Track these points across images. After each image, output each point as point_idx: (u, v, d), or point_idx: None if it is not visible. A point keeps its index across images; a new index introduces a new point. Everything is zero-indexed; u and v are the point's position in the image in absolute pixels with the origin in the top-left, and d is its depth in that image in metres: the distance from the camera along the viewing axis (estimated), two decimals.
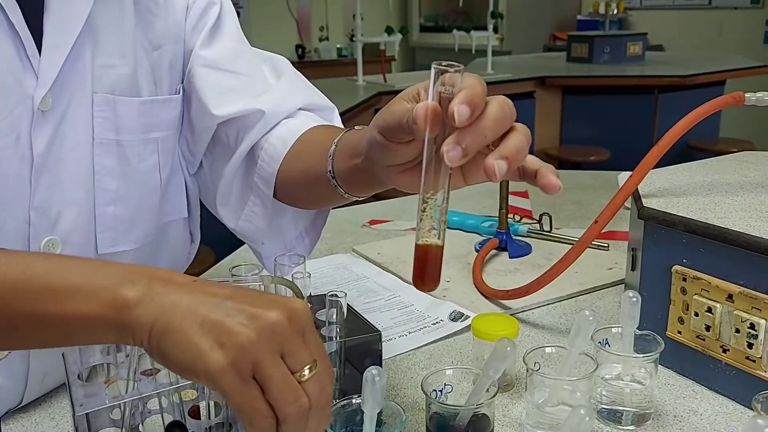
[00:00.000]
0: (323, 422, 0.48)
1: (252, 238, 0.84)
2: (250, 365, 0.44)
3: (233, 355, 0.43)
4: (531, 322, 0.92)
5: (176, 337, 0.44)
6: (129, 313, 0.45)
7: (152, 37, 0.75)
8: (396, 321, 0.92)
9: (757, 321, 0.67)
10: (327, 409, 0.47)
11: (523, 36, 6.02)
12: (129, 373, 0.56)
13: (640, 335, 0.69)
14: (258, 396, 0.44)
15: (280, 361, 0.45)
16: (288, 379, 0.45)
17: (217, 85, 0.79)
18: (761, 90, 0.82)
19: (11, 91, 0.64)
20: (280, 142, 0.78)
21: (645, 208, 0.78)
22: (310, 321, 0.47)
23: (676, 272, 0.74)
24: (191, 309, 0.45)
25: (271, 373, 0.44)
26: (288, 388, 0.45)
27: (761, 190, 0.82)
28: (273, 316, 0.45)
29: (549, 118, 3.81)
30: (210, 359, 0.43)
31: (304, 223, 0.85)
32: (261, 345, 0.44)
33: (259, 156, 0.79)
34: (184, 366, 0.44)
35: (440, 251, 0.52)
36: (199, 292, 0.46)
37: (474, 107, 0.48)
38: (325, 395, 0.46)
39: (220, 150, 0.82)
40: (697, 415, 0.70)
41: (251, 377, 0.44)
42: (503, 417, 0.70)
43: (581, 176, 1.71)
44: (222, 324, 0.44)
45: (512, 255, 1.14)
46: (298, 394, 0.45)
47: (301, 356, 0.46)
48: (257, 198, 0.81)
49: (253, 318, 0.44)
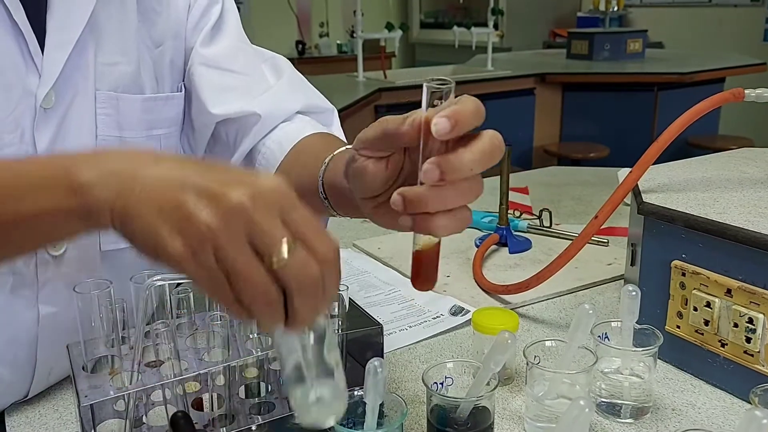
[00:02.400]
0: (309, 307, 0.42)
1: None
2: (210, 252, 0.40)
3: (192, 242, 0.40)
4: (531, 317, 0.92)
5: (136, 223, 0.41)
6: (88, 196, 0.43)
7: (154, 34, 0.75)
8: (396, 315, 0.92)
9: (755, 315, 0.67)
10: (314, 292, 0.42)
11: (523, 33, 6.01)
12: (133, 365, 0.57)
13: (639, 329, 0.70)
14: (224, 285, 0.41)
15: (244, 246, 0.40)
16: (250, 267, 0.40)
17: (216, 84, 0.79)
18: (761, 87, 0.82)
19: (14, 88, 0.64)
20: (277, 147, 0.79)
21: (644, 204, 0.78)
22: (288, 198, 0.42)
23: (675, 267, 0.75)
24: (148, 191, 0.42)
25: (233, 262, 0.40)
26: (251, 277, 0.40)
27: (760, 186, 0.83)
28: (235, 197, 0.40)
29: (549, 115, 3.81)
30: (169, 247, 0.40)
31: None
32: (221, 230, 0.40)
33: (257, 160, 0.80)
34: (148, 252, 0.42)
35: (435, 251, 0.52)
36: (159, 168, 0.43)
37: (456, 123, 0.46)
38: (308, 277, 0.41)
39: (220, 149, 0.82)
40: (695, 409, 0.70)
41: (215, 264, 0.40)
42: (503, 410, 0.71)
43: (581, 172, 1.72)
44: (180, 209, 0.40)
45: (512, 250, 1.14)
46: (264, 285, 0.41)
47: (269, 239, 0.40)
48: None
49: (213, 199, 0.40)
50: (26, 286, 0.68)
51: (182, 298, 0.63)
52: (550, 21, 6.29)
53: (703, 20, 5.58)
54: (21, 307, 0.68)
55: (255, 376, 0.64)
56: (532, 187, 1.53)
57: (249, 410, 0.62)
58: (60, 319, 0.70)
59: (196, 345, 0.62)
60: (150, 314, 0.59)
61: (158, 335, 0.57)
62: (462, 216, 0.50)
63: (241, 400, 0.63)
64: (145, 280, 0.57)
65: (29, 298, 0.68)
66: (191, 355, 0.60)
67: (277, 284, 0.41)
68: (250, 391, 0.64)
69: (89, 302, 0.58)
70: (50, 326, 0.70)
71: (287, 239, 0.41)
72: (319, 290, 0.42)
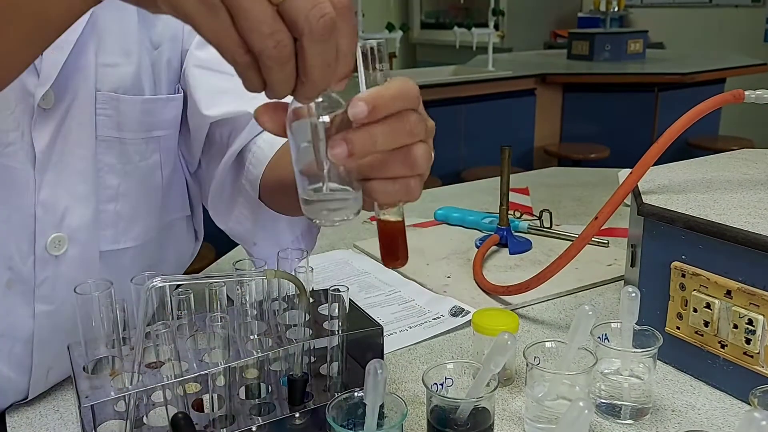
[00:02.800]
0: (323, 61, 0.39)
1: (243, 240, 0.85)
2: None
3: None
4: (531, 318, 0.92)
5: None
6: None
7: (153, 35, 0.76)
8: (397, 316, 0.92)
9: (755, 317, 0.67)
10: (326, 37, 0.38)
11: (523, 33, 6.01)
12: (134, 366, 0.57)
13: (639, 330, 0.70)
14: (227, 24, 0.38)
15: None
16: (257, 3, 0.37)
17: (210, 86, 0.79)
18: (761, 88, 0.82)
19: (13, 87, 0.64)
20: (267, 146, 0.79)
21: (644, 205, 0.79)
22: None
23: (675, 268, 0.75)
24: None
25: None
26: (254, 9, 0.37)
27: (760, 188, 0.83)
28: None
29: (549, 116, 3.82)
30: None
31: (301, 227, 0.85)
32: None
33: (247, 159, 0.80)
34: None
35: (398, 227, 0.52)
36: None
37: (374, 108, 0.44)
38: (319, 13, 0.38)
39: (215, 151, 0.82)
40: (695, 410, 0.70)
41: (219, 2, 0.38)
42: (503, 411, 0.71)
43: (581, 173, 1.72)
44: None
45: (512, 251, 1.14)
46: (271, 21, 0.37)
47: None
48: (245, 200, 0.81)
49: None
50: (22, 282, 0.68)
51: (183, 299, 0.63)
52: (551, 21, 6.30)
53: (704, 21, 5.58)
54: (16, 302, 0.69)
55: (255, 377, 0.64)
56: (533, 187, 1.53)
57: (249, 411, 0.63)
58: (57, 318, 0.70)
59: (197, 346, 0.62)
60: (150, 315, 0.60)
61: (159, 336, 0.57)
62: (404, 185, 0.49)
63: (242, 401, 0.63)
64: (146, 281, 0.57)
65: (25, 294, 0.69)
66: (192, 356, 0.60)
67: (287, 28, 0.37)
68: (250, 392, 0.64)
69: (90, 303, 0.58)
70: (46, 324, 0.70)
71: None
72: (333, 39, 0.39)
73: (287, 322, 0.66)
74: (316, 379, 0.66)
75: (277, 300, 0.67)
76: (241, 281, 0.63)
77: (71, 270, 0.70)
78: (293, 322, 0.65)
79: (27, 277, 0.68)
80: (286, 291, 0.67)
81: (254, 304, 0.65)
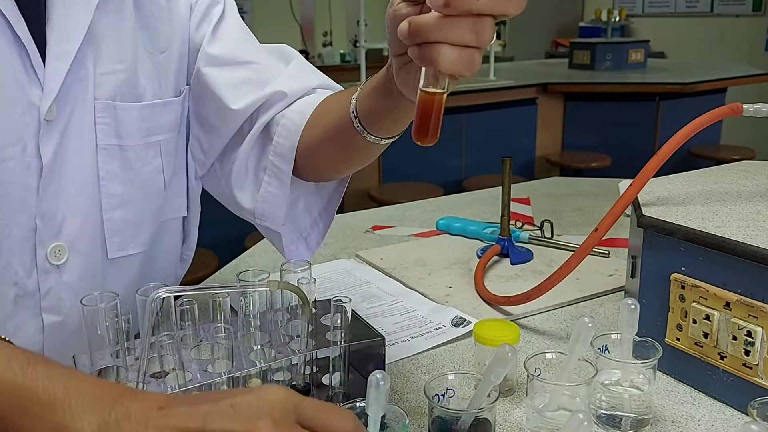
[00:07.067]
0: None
1: (271, 219, 0.82)
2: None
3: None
4: (532, 328, 0.93)
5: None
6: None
7: (157, 40, 0.76)
8: (399, 326, 0.93)
9: (754, 329, 0.68)
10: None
11: (525, 42, 6.03)
12: (138, 376, 0.58)
13: (639, 342, 0.70)
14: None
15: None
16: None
17: (229, 80, 0.79)
18: (762, 98, 0.83)
19: (17, 102, 0.64)
20: (297, 115, 0.79)
21: (644, 217, 0.79)
22: (292, 397, 0.45)
23: (675, 280, 0.75)
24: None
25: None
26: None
27: (759, 200, 0.83)
28: (262, 426, 0.42)
29: (551, 125, 3.82)
30: None
31: (318, 208, 0.85)
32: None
33: (276, 132, 0.79)
34: None
35: (440, 100, 0.52)
36: (171, 419, 0.42)
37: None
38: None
39: (233, 137, 0.82)
40: (694, 421, 0.71)
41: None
42: (504, 421, 0.71)
43: (582, 183, 1.73)
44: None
45: (514, 261, 1.15)
46: None
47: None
48: (272, 177, 0.80)
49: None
50: (29, 296, 0.69)
51: (186, 309, 0.64)
52: (553, 31, 6.32)
53: (705, 30, 5.60)
54: (25, 316, 0.69)
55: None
56: (534, 197, 1.53)
57: None
58: (64, 330, 0.71)
59: (200, 356, 0.62)
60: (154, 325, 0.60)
61: (163, 346, 0.58)
62: (469, 55, 0.50)
63: None
64: (151, 292, 0.58)
65: (32, 307, 0.69)
66: (195, 366, 0.61)
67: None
68: None
69: (95, 314, 0.58)
70: (55, 335, 0.71)
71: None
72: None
73: (290, 333, 0.66)
74: (319, 389, 0.67)
75: (280, 310, 0.68)
76: (244, 292, 0.64)
77: (74, 279, 0.71)
78: (296, 332, 0.65)
79: (32, 290, 0.69)
80: (289, 301, 0.68)
81: (257, 314, 0.66)
